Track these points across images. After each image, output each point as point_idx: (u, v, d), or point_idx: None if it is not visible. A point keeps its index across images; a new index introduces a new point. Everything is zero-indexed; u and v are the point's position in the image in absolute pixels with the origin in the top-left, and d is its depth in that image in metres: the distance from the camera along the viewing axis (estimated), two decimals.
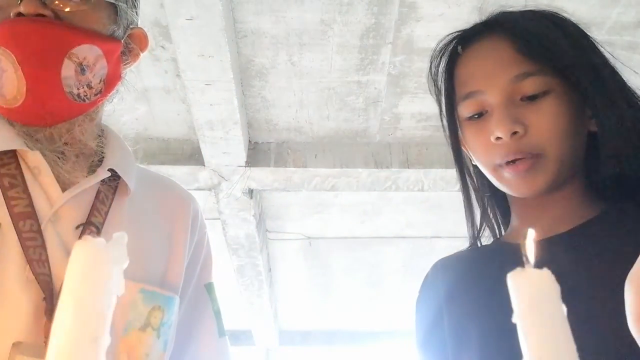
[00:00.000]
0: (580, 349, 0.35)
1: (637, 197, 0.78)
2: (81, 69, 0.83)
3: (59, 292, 0.76)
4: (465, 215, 0.93)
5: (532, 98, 0.79)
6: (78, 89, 0.83)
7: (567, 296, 0.37)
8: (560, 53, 0.81)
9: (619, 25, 2.34)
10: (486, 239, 0.94)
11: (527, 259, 0.36)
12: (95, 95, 0.86)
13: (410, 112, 2.84)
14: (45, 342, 0.73)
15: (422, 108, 2.79)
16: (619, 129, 0.79)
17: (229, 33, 2.22)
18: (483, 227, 0.93)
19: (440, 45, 0.92)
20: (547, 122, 0.78)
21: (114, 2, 0.87)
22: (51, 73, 0.81)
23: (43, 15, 0.80)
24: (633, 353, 0.63)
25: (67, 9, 0.82)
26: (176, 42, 2.19)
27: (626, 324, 0.54)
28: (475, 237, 0.93)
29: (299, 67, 2.54)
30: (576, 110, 0.80)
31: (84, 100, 0.85)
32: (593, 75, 0.81)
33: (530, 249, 0.37)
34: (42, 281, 0.76)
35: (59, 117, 0.84)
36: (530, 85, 0.79)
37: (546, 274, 0.36)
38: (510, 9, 0.89)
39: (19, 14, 0.79)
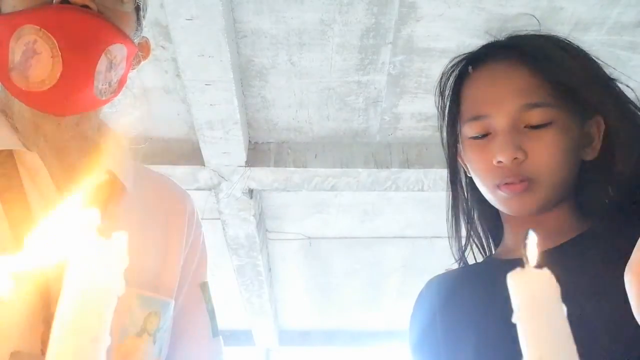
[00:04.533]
0: (580, 349, 0.35)
1: (622, 215, 0.82)
2: (110, 66, 0.84)
3: (57, 299, 0.76)
4: (450, 234, 0.96)
5: (535, 126, 0.83)
6: (102, 84, 0.84)
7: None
8: (576, 79, 0.84)
9: (619, 25, 2.34)
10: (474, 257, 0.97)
11: (527, 259, 0.36)
12: (111, 93, 0.87)
13: (410, 112, 2.84)
14: (42, 351, 0.72)
15: (422, 108, 2.79)
16: (633, 146, 0.83)
17: (229, 33, 2.22)
18: (469, 242, 0.96)
19: (452, 63, 0.95)
20: (546, 152, 0.82)
21: (140, 7, 0.89)
22: (89, 64, 0.81)
23: (87, 7, 0.81)
24: (632, 354, 0.64)
25: (108, 7, 0.84)
26: (176, 42, 2.19)
27: (619, 329, 0.55)
28: (461, 250, 0.96)
29: (299, 67, 2.54)
30: (574, 141, 0.84)
31: (102, 97, 0.85)
32: (607, 94, 0.85)
33: (530, 250, 0.37)
34: (39, 288, 0.75)
35: (77, 109, 0.84)
36: (536, 116, 0.83)
37: (546, 274, 0.36)
38: (521, 33, 0.92)
39: (64, 1, 0.79)
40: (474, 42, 0.96)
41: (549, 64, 0.84)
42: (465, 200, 0.96)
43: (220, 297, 1.02)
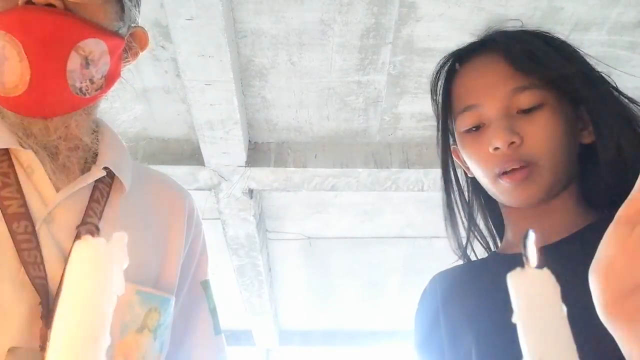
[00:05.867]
0: (581, 347, 0.35)
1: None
2: (86, 62, 0.82)
3: (55, 295, 0.75)
4: (447, 231, 0.96)
5: (527, 111, 0.83)
6: (81, 82, 0.82)
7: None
8: (553, 66, 0.84)
9: (619, 25, 2.34)
10: (480, 254, 0.97)
11: (527, 259, 0.36)
12: (96, 90, 0.86)
13: (410, 112, 2.84)
14: (41, 347, 0.72)
15: (422, 108, 2.79)
16: (616, 132, 0.82)
17: (229, 33, 2.22)
18: (471, 241, 0.96)
19: (439, 63, 0.95)
20: (541, 133, 0.82)
21: None
22: (57, 65, 0.79)
23: (53, 5, 0.79)
24: None
25: (77, 1, 0.81)
26: (176, 42, 2.19)
27: None
28: (461, 247, 0.96)
29: (299, 67, 2.54)
30: (568, 123, 0.84)
31: (84, 95, 0.84)
32: (587, 82, 0.85)
33: (530, 249, 0.37)
34: (37, 285, 0.74)
35: (58, 110, 0.83)
36: (526, 99, 0.83)
37: (546, 274, 0.36)
38: (505, 29, 0.93)
39: (28, 2, 0.78)
40: None
41: (526, 57, 0.85)
42: (461, 196, 0.96)
43: (220, 297, 1.02)
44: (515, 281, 0.36)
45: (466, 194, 0.96)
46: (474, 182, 0.93)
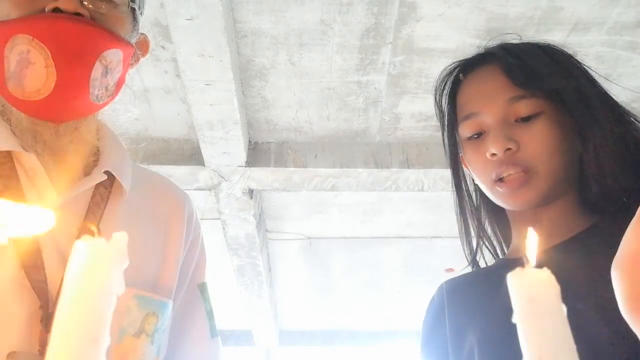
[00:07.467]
0: (580, 349, 0.35)
1: (626, 209, 0.82)
2: (106, 71, 0.84)
3: (56, 299, 0.75)
4: (461, 239, 0.99)
5: (525, 119, 0.86)
6: (99, 90, 0.84)
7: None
8: (547, 80, 0.87)
9: (619, 25, 2.34)
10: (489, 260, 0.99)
11: (527, 259, 0.36)
12: (108, 97, 0.87)
13: (410, 112, 2.84)
14: (40, 351, 0.72)
15: (422, 108, 2.79)
16: (602, 148, 0.84)
17: (229, 33, 2.22)
18: (480, 247, 0.98)
19: (444, 73, 0.99)
20: (538, 141, 0.84)
21: (135, 8, 0.89)
22: (83, 72, 0.81)
23: (80, 15, 0.80)
24: (631, 356, 0.64)
25: (101, 12, 0.83)
26: (176, 42, 2.19)
27: (621, 329, 0.54)
28: (473, 255, 0.97)
29: (299, 67, 2.54)
30: (566, 131, 0.86)
31: (99, 101, 0.85)
32: (579, 98, 0.87)
33: (531, 249, 0.37)
34: (37, 288, 0.75)
35: (75, 115, 0.84)
36: (523, 107, 0.86)
37: (546, 274, 0.36)
38: (507, 42, 0.96)
39: (56, 9, 0.79)
40: (474, 42, 0.98)
41: (522, 71, 0.87)
42: (472, 203, 0.98)
43: (220, 297, 1.02)
44: (515, 281, 0.36)
45: (474, 200, 0.98)
46: (479, 187, 0.95)
